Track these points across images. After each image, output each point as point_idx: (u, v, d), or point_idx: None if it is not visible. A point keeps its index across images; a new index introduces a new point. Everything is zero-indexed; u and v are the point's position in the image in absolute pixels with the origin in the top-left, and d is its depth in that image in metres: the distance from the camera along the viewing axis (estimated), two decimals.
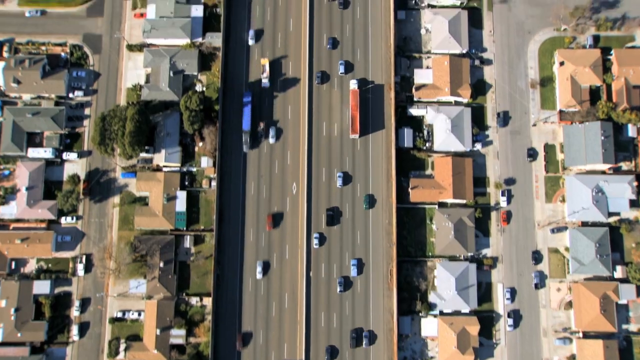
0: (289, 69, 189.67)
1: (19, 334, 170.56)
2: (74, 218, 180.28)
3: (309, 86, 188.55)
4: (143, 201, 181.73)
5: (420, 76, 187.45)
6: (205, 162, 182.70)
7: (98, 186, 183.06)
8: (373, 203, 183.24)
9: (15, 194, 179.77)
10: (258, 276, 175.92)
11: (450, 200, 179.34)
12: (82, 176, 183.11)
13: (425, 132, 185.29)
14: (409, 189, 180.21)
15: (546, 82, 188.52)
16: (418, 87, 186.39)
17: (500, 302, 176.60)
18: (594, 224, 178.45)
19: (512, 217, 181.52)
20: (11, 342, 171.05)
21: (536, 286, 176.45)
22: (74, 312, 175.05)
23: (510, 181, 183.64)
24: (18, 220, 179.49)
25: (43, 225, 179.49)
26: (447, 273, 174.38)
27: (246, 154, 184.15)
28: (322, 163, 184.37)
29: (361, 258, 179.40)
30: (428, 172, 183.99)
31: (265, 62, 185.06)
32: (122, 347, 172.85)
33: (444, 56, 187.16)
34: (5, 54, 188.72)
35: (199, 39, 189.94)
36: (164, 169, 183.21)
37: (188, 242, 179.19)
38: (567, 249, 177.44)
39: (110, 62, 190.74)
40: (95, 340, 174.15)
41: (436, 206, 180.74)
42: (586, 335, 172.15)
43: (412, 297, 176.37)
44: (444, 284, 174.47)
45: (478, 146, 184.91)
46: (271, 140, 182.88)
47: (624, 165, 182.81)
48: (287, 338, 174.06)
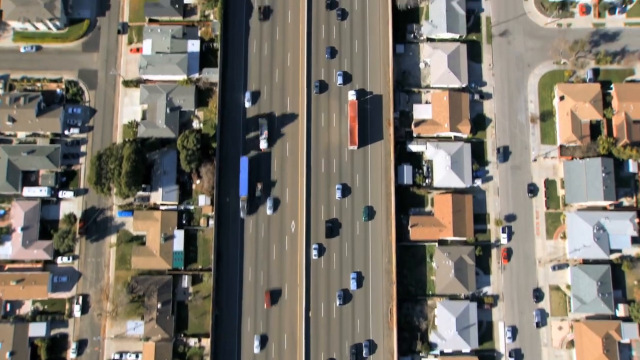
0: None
1: None
2: (71, 258, 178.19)
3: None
4: (140, 240, 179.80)
5: (419, 112, 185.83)
6: (202, 201, 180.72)
7: (94, 225, 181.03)
8: (372, 215, 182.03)
9: (10, 234, 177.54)
10: (257, 334, 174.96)
11: (450, 237, 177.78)
12: (79, 215, 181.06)
13: (424, 169, 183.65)
14: (409, 227, 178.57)
15: (546, 117, 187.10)
16: (417, 123, 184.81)
17: (501, 341, 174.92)
18: (596, 261, 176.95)
19: (513, 254, 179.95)
20: None
21: (537, 325, 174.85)
22: (71, 355, 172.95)
23: (510, 217, 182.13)
24: (13, 261, 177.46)
25: (39, 265, 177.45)
26: (448, 313, 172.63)
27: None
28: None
29: (360, 271, 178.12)
30: (428, 209, 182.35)
31: (263, 123, 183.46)
32: None
33: (444, 91, 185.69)
34: (0, 91, 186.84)
35: (196, 75, 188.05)
36: (161, 207, 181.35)
37: (186, 282, 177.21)
38: (569, 287, 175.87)
39: (106, 98, 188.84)
40: None
41: (436, 244, 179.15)
42: None
43: (413, 337, 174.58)
44: (445, 324, 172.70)
45: (478, 182, 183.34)
46: (269, 210, 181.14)
47: (625, 201, 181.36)
48: None
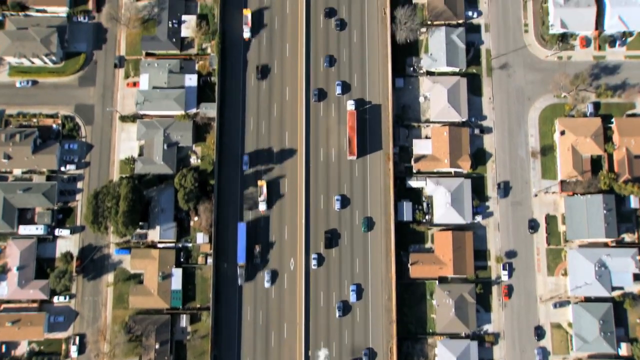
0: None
1: None
2: (67, 297, 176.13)
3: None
4: (138, 278, 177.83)
5: (419, 147, 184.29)
6: (200, 239, 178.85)
7: (91, 263, 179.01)
8: (372, 225, 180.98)
9: (6, 274, 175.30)
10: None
11: (451, 275, 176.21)
12: (75, 253, 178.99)
13: (424, 205, 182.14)
14: (409, 265, 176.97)
15: (547, 151, 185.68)
16: (417, 159, 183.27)
17: None
18: (597, 299, 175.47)
19: (514, 291, 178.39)
20: None
21: None
22: None
23: (511, 254, 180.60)
24: (9, 301, 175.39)
25: (35, 305, 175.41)
26: (449, 352, 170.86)
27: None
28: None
29: (360, 283, 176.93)
30: (428, 246, 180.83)
31: (262, 184, 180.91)
32: None
33: (443, 126, 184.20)
34: None
35: (194, 109, 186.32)
36: (159, 245, 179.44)
37: (184, 321, 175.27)
38: (571, 325, 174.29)
39: (102, 134, 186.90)
40: None
41: (437, 281, 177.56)
42: None
43: None
44: None
45: (478, 218, 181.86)
46: (267, 282, 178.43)
47: (627, 237, 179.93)
48: None
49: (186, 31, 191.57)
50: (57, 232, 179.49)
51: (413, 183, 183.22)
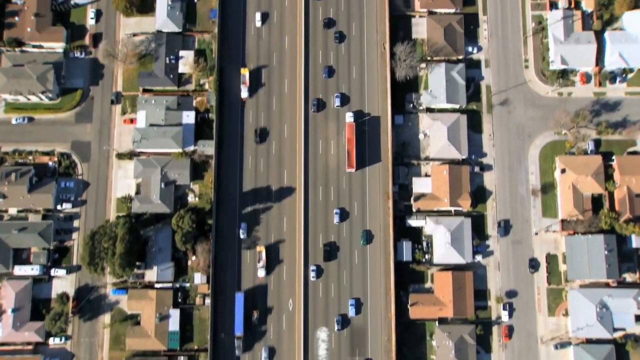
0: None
1: None
2: (63, 338, 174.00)
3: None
4: (135, 319, 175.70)
5: (419, 185, 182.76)
6: (198, 279, 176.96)
7: (88, 304, 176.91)
8: (370, 239, 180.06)
9: (0, 316, 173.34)
10: None
11: (450, 316, 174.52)
12: (71, 293, 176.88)
13: (424, 244, 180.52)
14: (409, 306, 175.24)
15: (547, 189, 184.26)
16: (417, 197, 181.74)
17: None
18: (599, 341, 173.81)
19: (514, 332, 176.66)
20: None
21: None
22: None
23: (511, 294, 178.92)
24: (3, 344, 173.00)
25: (30, 348, 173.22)
26: None
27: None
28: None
29: (359, 297, 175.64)
30: (427, 285, 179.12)
31: (261, 250, 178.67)
32: None
33: (443, 164, 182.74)
34: None
35: (191, 147, 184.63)
36: (156, 285, 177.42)
37: None
38: None
39: (99, 171, 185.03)
40: None
41: (436, 322, 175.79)
42: None
43: None
44: None
45: (479, 257, 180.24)
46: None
47: (628, 277, 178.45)
48: None
49: (184, 67, 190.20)
50: (53, 272, 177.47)
51: (413, 222, 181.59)
